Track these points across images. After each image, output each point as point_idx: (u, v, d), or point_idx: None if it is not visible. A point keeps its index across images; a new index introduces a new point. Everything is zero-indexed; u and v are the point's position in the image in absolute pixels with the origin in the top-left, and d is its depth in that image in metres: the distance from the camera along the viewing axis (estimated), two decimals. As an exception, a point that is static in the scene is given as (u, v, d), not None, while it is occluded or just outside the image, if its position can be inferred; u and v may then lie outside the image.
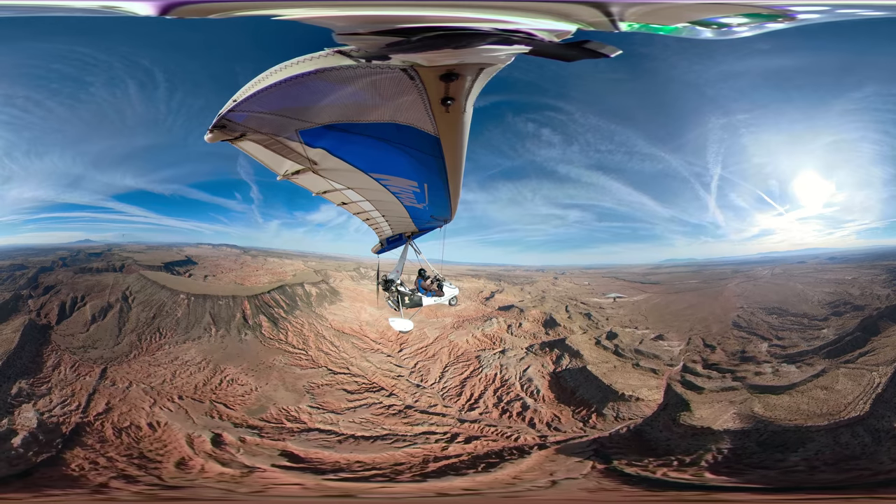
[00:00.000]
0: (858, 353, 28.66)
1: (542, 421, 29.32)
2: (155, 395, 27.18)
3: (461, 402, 31.52)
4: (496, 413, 30.42)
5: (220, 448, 24.39)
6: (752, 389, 28.08)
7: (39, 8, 12.74)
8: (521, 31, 4.31)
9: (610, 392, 30.21)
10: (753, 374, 29.74)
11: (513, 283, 48.15)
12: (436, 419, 29.43)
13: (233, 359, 31.89)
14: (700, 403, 27.59)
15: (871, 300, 33.51)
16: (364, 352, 35.68)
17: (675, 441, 25.14)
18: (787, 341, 32.10)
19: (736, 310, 36.39)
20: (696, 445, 24.37)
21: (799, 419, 24.92)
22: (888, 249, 38.18)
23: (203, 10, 6.92)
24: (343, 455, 25.08)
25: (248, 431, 25.87)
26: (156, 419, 25.57)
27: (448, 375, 34.15)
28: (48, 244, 38.13)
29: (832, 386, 26.61)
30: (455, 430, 28.26)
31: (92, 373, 27.70)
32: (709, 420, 26.03)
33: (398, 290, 12.66)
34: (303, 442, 25.95)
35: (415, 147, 5.52)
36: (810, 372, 28.25)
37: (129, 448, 23.40)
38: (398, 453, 25.87)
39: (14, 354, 27.28)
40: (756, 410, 26.00)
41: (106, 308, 34.02)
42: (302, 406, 28.95)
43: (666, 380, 30.68)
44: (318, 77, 4.03)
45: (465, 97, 4.24)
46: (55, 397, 25.50)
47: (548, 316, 40.53)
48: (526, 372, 34.01)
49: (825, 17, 8.88)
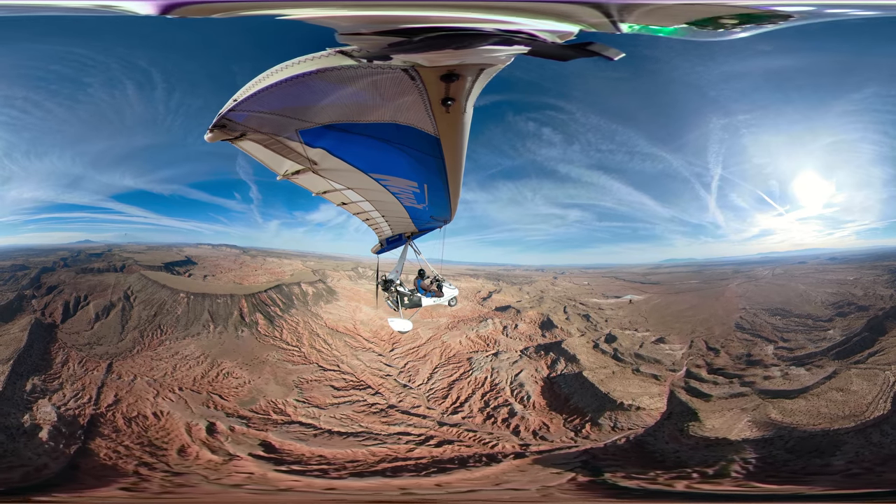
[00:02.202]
0: (868, 354, 28.13)
1: (529, 429, 28.30)
2: (158, 386, 28.53)
3: (446, 404, 31.03)
4: (480, 418, 29.68)
5: (213, 436, 25.77)
6: (763, 395, 27.01)
7: (39, 8, 12.75)
8: (521, 31, 4.31)
9: (607, 400, 29.24)
10: (762, 378, 28.63)
11: (511, 283, 48.08)
12: (415, 420, 29.06)
13: (229, 354, 33.03)
14: (709, 412, 26.49)
15: (874, 300, 33.15)
16: (356, 350, 35.70)
17: (686, 453, 23.99)
18: (793, 343, 31.27)
19: (738, 311, 35.71)
20: (712, 457, 23.27)
21: (823, 423, 24.04)
22: (889, 250, 38.17)
23: (205, 9, 6.93)
24: (311, 448, 25.70)
25: (237, 421, 27.12)
26: (159, 409, 26.96)
27: (437, 377, 33.77)
28: (48, 245, 38.19)
29: (847, 387, 25.95)
30: (431, 432, 27.71)
31: (99, 368, 28.90)
32: (722, 430, 24.87)
33: (397, 290, 12.68)
34: (282, 434, 26.74)
35: (415, 147, 5.53)
36: (822, 374, 27.54)
37: (139, 437, 24.78)
38: (361, 451, 25.83)
39: (24, 353, 28.21)
40: (773, 417, 25.02)
41: (109, 307, 34.90)
42: (289, 399, 29.71)
43: (668, 386, 29.54)
44: (319, 77, 4.04)
45: (466, 98, 4.24)
46: (67, 392, 26.61)
47: (545, 317, 39.98)
48: (518, 376, 33.26)
49: (824, 17, 8.92)
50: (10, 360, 27.12)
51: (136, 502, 21.04)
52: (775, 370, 29.00)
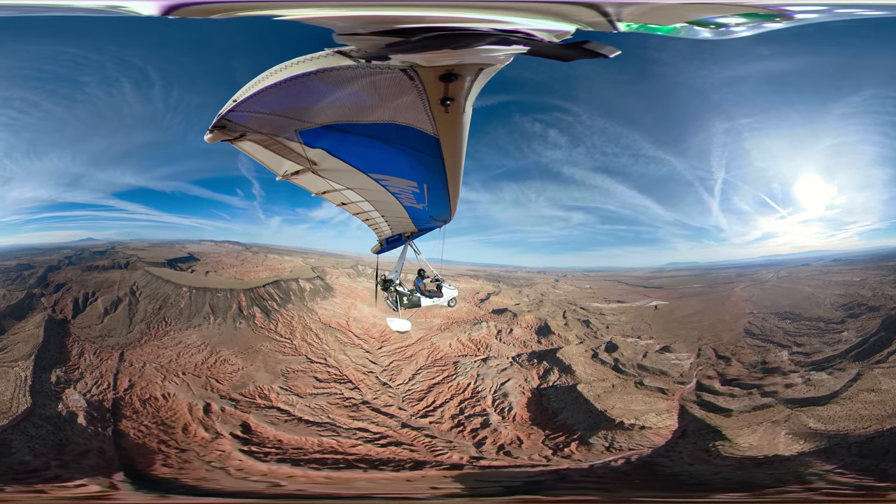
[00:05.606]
0: (888, 353, 27.32)
1: (496, 442, 26.56)
2: (164, 371, 30.70)
3: (419, 407, 30.37)
4: (448, 425, 28.52)
5: (208, 416, 27.65)
6: (790, 404, 25.04)
7: (39, 8, 12.80)
8: (519, 31, 4.32)
9: (603, 418, 26.92)
10: (783, 386, 26.78)
11: (511, 284, 47.73)
12: (381, 419, 29.03)
13: (227, 343, 34.77)
14: (735, 429, 24.38)
15: (884, 300, 32.61)
16: (344, 346, 36.12)
17: (734, 474, 21.55)
18: (808, 347, 29.96)
19: (746, 316, 34.62)
20: (775, 475, 21.09)
21: (873, 424, 22.72)
22: (891, 250, 37.99)
23: (205, 10, 6.96)
24: (276, 432, 26.91)
25: (227, 402, 29.00)
26: (167, 391, 29.11)
27: (418, 378, 33.38)
28: (52, 243, 38.58)
29: (878, 387, 24.79)
30: (389, 432, 27.47)
31: (112, 357, 31.02)
32: (765, 447, 22.80)
33: (397, 290, 12.67)
34: (261, 417, 28.14)
35: (414, 147, 5.53)
36: (846, 377, 26.17)
37: (154, 416, 26.96)
38: (311, 440, 26.46)
39: (43, 347, 29.83)
40: (812, 426, 23.30)
41: (116, 301, 36.43)
42: (274, 386, 31.05)
43: (678, 401, 27.12)
44: (318, 77, 4.04)
45: (465, 97, 4.24)
46: (88, 380, 28.60)
47: (542, 322, 38.52)
48: (503, 385, 31.65)
49: (822, 17, 8.88)
50: (31, 355, 28.69)
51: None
52: (795, 377, 27.38)
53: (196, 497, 20.62)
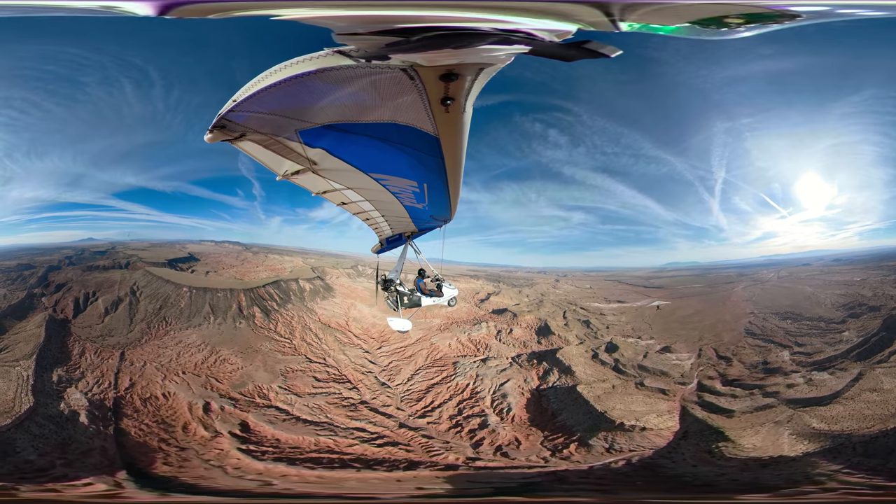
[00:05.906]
0: (889, 353, 27.22)
1: (494, 443, 26.42)
2: (165, 371, 30.81)
3: (417, 407, 30.26)
4: (445, 426, 28.35)
5: (207, 414, 27.81)
6: (792, 404, 24.96)
7: (38, 8, 12.79)
8: (520, 31, 4.30)
9: (603, 420, 26.76)
10: (785, 386, 26.62)
11: (512, 284, 47.65)
12: (378, 419, 28.93)
13: (227, 343, 34.92)
14: (738, 430, 24.30)
15: (885, 300, 32.48)
16: (344, 346, 36.11)
17: (740, 476, 21.44)
18: (809, 347, 29.81)
19: (746, 315, 34.43)
20: (783, 476, 20.97)
21: (877, 424, 22.75)
22: (891, 250, 37.91)
23: (202, 10, 6.95)
24: (274, 431, 27.03)
25: (227, 402, 29.15)
26: (167, 390, 29.24)
27: (417, 378, 33.26)
28: (52, 243, 38.60)
29: (880, 387, 24.73)
30: (387, 433, 27.38)
31: (113, 356, 31.09)
32: (769, 448, 22.73)
33: (397, 290, 12.66)
34: (260, 416, 28.27)
35: (414, 147, 5.52)
36: (848, 377, 26.12)
37: (154, 415, 27.08)
38: (308, 439, 26.52)
39: (44, 347, 29.95)
40: (816, 426, 23.25)
41: (117, 301, 36.55)
42: (273, 386, 31.15)
43: (679, 402, 27.01)
44: (317, 77, 4.03)
45: (465, 97, 4.23)
46: (90, 379, 28.69)
47: (542, 322, 38.37)
48: (503, 386, 31.54)
49: (824, 17, 8.86)
50: (32, 354, 28.80)
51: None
52: (797, 377, 27.27)
53: (196, 496, 20.70)
